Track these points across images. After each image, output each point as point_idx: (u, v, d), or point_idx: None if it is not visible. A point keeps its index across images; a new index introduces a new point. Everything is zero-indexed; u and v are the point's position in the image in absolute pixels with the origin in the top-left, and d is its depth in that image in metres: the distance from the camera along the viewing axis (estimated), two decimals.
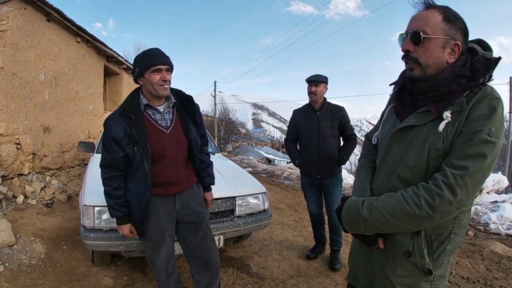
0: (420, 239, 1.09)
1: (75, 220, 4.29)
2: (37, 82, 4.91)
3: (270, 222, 3.10)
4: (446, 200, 0.97)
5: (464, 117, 1.02)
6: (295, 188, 7.77)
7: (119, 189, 1.88)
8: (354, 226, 1.15)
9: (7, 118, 4.29)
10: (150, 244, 2.01)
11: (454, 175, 0.97)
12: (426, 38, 1.05)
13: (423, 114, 1.10)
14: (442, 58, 1.07)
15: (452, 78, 1.05)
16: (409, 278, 1.13)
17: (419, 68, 1.09)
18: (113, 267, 3.04)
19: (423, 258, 1.09)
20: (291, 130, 3.37)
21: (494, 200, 5.42)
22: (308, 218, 4.90)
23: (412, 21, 1.10)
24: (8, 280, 2.74)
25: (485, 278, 3.02)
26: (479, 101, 1.01)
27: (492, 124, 0.97)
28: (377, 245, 1.19)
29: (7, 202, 4.02)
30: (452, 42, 1.06)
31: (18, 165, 4.43)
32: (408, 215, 1.02)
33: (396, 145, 1.17)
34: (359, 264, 1.29)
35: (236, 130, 44.96)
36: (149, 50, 1.83)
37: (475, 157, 0.97)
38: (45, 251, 3.34)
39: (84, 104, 6.60)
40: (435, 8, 1.08)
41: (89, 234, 2.36)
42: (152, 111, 1.89)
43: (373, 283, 1.23)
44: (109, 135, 1.81)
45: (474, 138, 0.98)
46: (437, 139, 1.04)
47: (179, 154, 1.95)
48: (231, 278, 2.93)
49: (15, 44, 4.42)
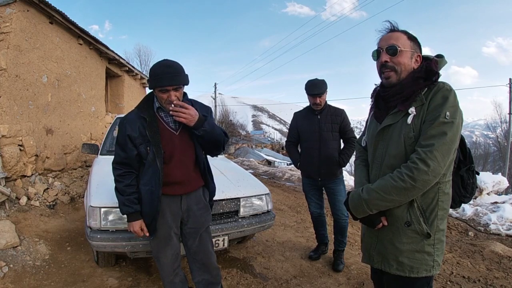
0: (415, 210, 1.38)
1: (78, 222, 4.31)
2: (40, 84, 4.94)
3: (273, 223, 3.13)
4: (422, 170, 1.27)
5: (425, 109, 1.33)
6: (296, 189, 7.80)
7: (131, 185, 1.94)
8: (359, 208, 1.45)
9: (10, 119, 4.31)
10: (156, 242, 2.05)
11: (424, 151, 1.28)
12: (400, 50, 1.38)
13: (396, 114, 1.42)
14: (411, 66, 1.40)
15: (412, 81, 1.37)
16: (414, 244, 1.38)
17: (395, 75, 1.40)
18: (117, 268, 3.06)
19: (420, 225, 1.37)
20: (292, 133, 3.39)
21: (494, 201, 5.45)
22: (309, 219, 4.93)
23: (384, 40, 1.43)
24: (12, 281, 2.76)
25: (486, 277, 3.04)
26: (434, 94, 1.32)
27: (446, 109, 1.28)
28: (381, 223, 1.45)
29: (10, 204, 4.04)
30: (416, 54, 1.42)
31: (21, 166, 4.45)
32: (397, 188, 1.32)
33: (381, 142, 1.48)
34: (371, 245, 1.54)
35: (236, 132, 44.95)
36: (160, 67, 1.82)
37: (437, 135, 1.27)
38: (49, 252, 3.36)
39: (86, 106, 6.62)
40: (399, 31, 1.44)
41: (95, 235, 2.38)
42: (164, 114, 1.97)
43: (386, 256, 1.46)
44: (125, 133, 1.90)
45: (434, 122, 1.29)
46: (408, 130, 1.36)
47: (187, 156, 2.01)
48: (235, 278, 2.95)
49: (18, 46, 4.44)
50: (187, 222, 2.08)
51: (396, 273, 1.42)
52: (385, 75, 1.42)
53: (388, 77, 1.42)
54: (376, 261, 1.50)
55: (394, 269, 1.42)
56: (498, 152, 31.87)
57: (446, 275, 3.07)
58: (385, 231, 1.46)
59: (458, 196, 2.24)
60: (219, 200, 2.70)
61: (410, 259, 1.39)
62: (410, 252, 1.39)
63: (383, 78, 1.45)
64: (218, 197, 2.32)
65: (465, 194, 2.25)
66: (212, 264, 2.19)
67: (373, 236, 1.52)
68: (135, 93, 9.95)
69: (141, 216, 1.95)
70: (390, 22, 1.45)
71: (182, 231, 2.12)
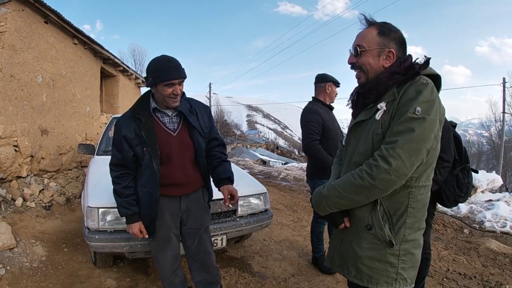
0: (377, 213, 1.25)
1: (74, 223, 4.28)
2: (35, 84, 4.90)
3: (271, 221, 3.14)
4: (382, 168, 1.15)
5: (396, 104, 1.22)
6: (292, 189, 7.82)
7: (128, 187, 1.91)
8: (319, 205, 1.36)
9: (5, 120, 4.28)
10: (155, 243, 2.03)
11: (387, 148, 1.16)
12: (363, 50, 1.32)
13: (370, 110, 1.33)
14: (378, 64, 1.31)
15: (389, 76, 1.27)
16: (373, 251, 1.27)
17: (364, 74, 1.35)
18: (115, 268, 3.05)
19: (382, 230, 1.24)
20: (318, 130, 2.84)
21: (489, 199, 5.52)
22: (306, 218, 4.96)
23: (355, 38, 1.37)
24: (10, 283, 2.74)
25: (482, 274, 3.08)
26: (408, 88, 1.21)
27: (417, 104, 1.15)
28: (343, 223, 1.36)
29: (6, 205, 4.01)
30: (386, 50, 1.30)
31: (17, 167, 4.41)
32: (355, 186, 1.22)
33: (353, 139, 1.40)
34: (335, 246, 1.46)
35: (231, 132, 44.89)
36: (163, 62, 1.80)
37: (403, 132, 1.15)
38: (46, 254, 3.34)
39: (81, 106, 6.58)
40: (374, 25, 1.34)
41: (93, 236, 2.37)
42: (161, 114, 1.94)
43: (346, 260, 1.36)
44: (120, 134, 1.87)
45: (401, 118, 1.17)
46: (377, 126, 1.25)
47: (186, 157, 1.98)
48: (233, 277, 2.96)
49: (13, 46, 4.41)
50: (186, 223, 2.07)
51: (354, 280, 1.32)
52: (356, 75, 1.40)
53: (359, 77, 1.39)
54: (337, 265, 1.42)
55: (352, 276, 1.33)
56: (491, 151, 32.19)
57: (443, 272, 3.11)
58: (348, 233, 1.36)
59: (453, 195, 2.27)
60: (217, 200, 2.70)
61: (369, 268, 1.27)
62: (370, 260, 1.27)
63: (356, 77, 1.42)
64: (216, 197, 2.31)
65: (460, 193, 2.27)
66: (211, 264, 2.18)
67: (338, 237, 1.44)
68: (130, 93, 9.90)
69: (140, 218, 1.93)
70: (364, 15, 1.37)
71: (182, 231, 2.10)
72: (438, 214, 4.76)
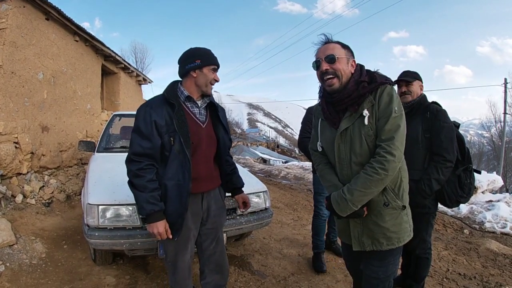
0: (388, 191, 1.58)
1: (74, 220, 4.29)
2: (35, 81, 4.90)
3: (271, 220, 3.13)
4: (391, 160, 1.47)
5: (376, 108, 1.52)
6: (292, 187, 7.82)
7: (153, 181, 1.75)
8: (346, 208, 1.57)
9: (6, 117, 4.27)
10: (174, 245, 1.90)
11: (388, 144, 1.48)
12: (337, 58, 1.56)
13: (349, 117, 1.58)
14: (348, 70, 1.59)
15: (356, 85, 1.55)
16: (394, 219, 1.59)
17: (338, 80, 1.57)
18: (115, 266, 3.05)
19: (395, 201, 1.58)
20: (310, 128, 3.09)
21: (489, 200, 5.51)
22: (306, 217, 4.96)
23: (321, 51, 1.61)
24: (9, 280, 2.73)
25: (481, 274, 3.08)
26: (381, 94, 1.52)
27: (394, 104, 1.50)
28: (364, 213, 1.60)
29: (6, 202, 4.01)
30: (351, 60, 1.61)
31: (17, 164, 4.41)
32: (374, 181, 1.49)
33: (342, 145, 1.62)
34: (357, 233, 1.67)
35: (231, 130, 44.85)
36: (206, 50, 1.87)
37: (394, 129, 1.48)
38: (45, 251, 3.33)
39: (82, 103, 6.58)
40: (333, 42, 1.63)
41: (93, 233, 2.36)
42: (191, 104, 1.90)
43: (376, 237, 1.62)
44: (151, 119, 1.74)
45: (389, 118, 1.49)
46: (367, 129, 1.54)
47: (211, 151, 1.95)
48: (233, 276, 2.95)
49: (14, 43, 4.40)
50: (206, 223, 1.99)
51: (387, 248, 1.60)
52: (327, 82, 1.58)
53: (331, 84, 1.57)
54: (367, 245, 1.64)
55: (385, 245, 1.60)
56: (492, 152, 32.13)
57: (442, 272, 3.10)
58: (368, 218, 1.62)
59: (455, 196, 2.27)
60: None
61: (395, 233, 1.59)
62: (394, 226, 1.59)
63: (326, 85, 1.61)
64: None
65: (462, 194, 2.27)
66: (225, 264, 2.14)
67: (357, 225, 1.66)
68: (130, 90, 9.89)
69: (164, 215, 1.77)
70: (325, 35, 1.65)
71: (200, 231, 2.00)
72: (438, 214, 4.75)
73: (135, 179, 1.73)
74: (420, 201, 2.17)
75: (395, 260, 1.69)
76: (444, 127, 2.17)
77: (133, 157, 1.74)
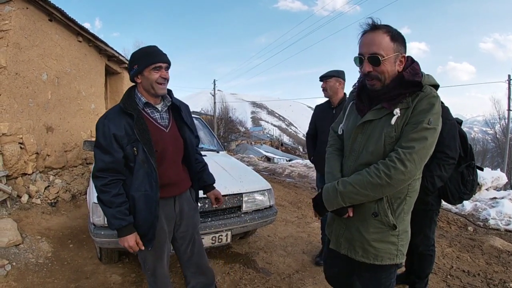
0: (383, 202, 1.40)
1: (80, 219, 4.32)
2: (39, 81, 4.93)
3: (275, 218, 3.15)
4: (399, 170, 1.30)
5: (410, 112, 1.34)
6: (296, 185, 7.83)
7: (119, 195, 1.69)
8: (333, 201, 1.46)
9: (11, 117, 4.31)
10: (152, 252, 1.85)
11: (404, 152, 1.30)
12: (382, 60, 1.34)
13: (378, 110, 1.42)
14: (395, 70, 1.38)
15: (399, 85, 1.36)
16: (379, 234, 1.44)
17: (380, 82, 1.39)
18: (120, 264, 3.08)
19: (387, 216, 1.41)
20: (311, 126, 3.32)
21: (493, 197, 5.48)
22: (310, 214, 4.97)
23: (365, 45, 1.38)
24: (16, 279, 2.77)
25: (485, 271, 3.07)
26: (421, 99, 1.33)
27: (431, 116, 1.30)
28: (347, 214, 1.49)
29: (12, 202, 4.05)
30: (400, 56, 1.38)
31: (22, 164, 4.45)
32: (372, 184, 1.34)
33: (360, 135, 1.48)
34: (339, 232, 1.58)
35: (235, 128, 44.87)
36: (147, 47, 1.76)
37: (419, 139, 1.30)
38: (51, 250, 3.37)
39: (86, 103, 6.62)
40: (380, 29, 1.36)
41: (99, 232, 2.39)
42: (151, 110, 1.82)
43: (353, 243, 1.51)
44: (109, 132, 1.67)
45: (417, 126, 1.30)
46: (391, 129, 1.36)
47: (178, 154, 1.90)
48: (238, 273, 2.97)
49: (18, 44, 4.43)
50: (179, 226, 1.97)
51: (361, 259, 1.48)
52: (369, 83, 1.42)
53: (373, 85, 1.41)
54: (343, 248, 1.56)
55: (359, 255, 1.49)
56: (496, 149, 31.94)
57: (446, 269, 3.10)
58: (353, 220, 1.50)
59: (458, 192, 2.26)
60: (222, 196, 2.71)
61: (375, 248, 1.44)
62: (375, 241, 1.44)
63: (368, 84, 1.44)
64: (221, 193, 2.32)
65: (464, 191, 2.27)
66: (205, 264, 2.13)
67: (342, 224, 1.57)
68: None
69: (134, 228, 1.73)
70: (372, 19, 1.38)
71: (175, 236, 1.98)
72: (442, 212, 4.74)
73: (101, 194, 1.70)
74: (423, 198, 2.17)
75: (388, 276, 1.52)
76: (447, 124, 2.16)
77: (97, 173, 1.70)
